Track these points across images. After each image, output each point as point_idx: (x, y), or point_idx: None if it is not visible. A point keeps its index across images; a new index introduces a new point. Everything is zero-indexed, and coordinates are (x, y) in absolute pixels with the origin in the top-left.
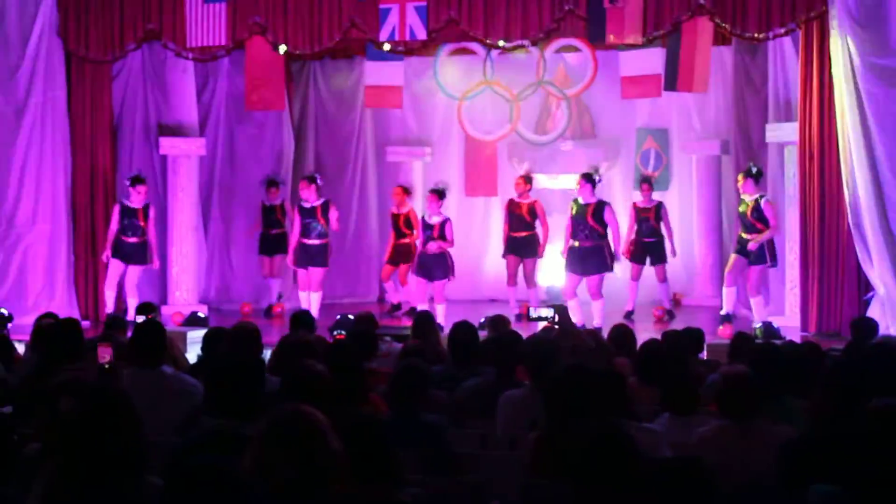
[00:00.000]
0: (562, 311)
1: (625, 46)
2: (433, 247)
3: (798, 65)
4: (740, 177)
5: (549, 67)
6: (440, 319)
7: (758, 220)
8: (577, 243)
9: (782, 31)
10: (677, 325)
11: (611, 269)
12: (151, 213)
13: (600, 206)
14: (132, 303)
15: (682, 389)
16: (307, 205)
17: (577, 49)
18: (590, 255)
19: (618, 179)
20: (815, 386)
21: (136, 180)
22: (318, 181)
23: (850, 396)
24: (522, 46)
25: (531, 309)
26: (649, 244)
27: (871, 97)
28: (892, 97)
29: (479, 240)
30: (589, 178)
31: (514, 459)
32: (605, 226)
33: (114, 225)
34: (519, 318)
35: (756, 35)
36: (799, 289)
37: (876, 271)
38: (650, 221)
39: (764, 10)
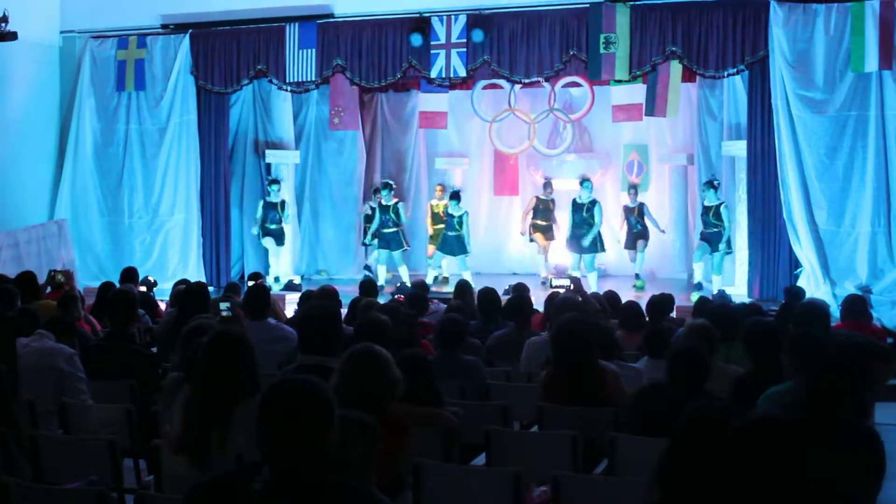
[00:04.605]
0: (577, 281)
1: (615, 82)
2: None
3: (746, 97)
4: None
5: (557, 98)
6: None
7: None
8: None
9: (734, 71)
10: (654, 292)
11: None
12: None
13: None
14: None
15: (658, 338)
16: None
17: (579, 84)
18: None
19: (610, 183)
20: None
21: (273, 181)
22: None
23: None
24: (538, 82)
25: (552, 278)
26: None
27: (800, 121)
28: (816, 121)
29: (504, 227)
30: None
31: (530, 389)
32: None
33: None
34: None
35: (714, 74)
36: (746, 265)
37: (803, 252)
38: (635, 216)
39: (721, 55)
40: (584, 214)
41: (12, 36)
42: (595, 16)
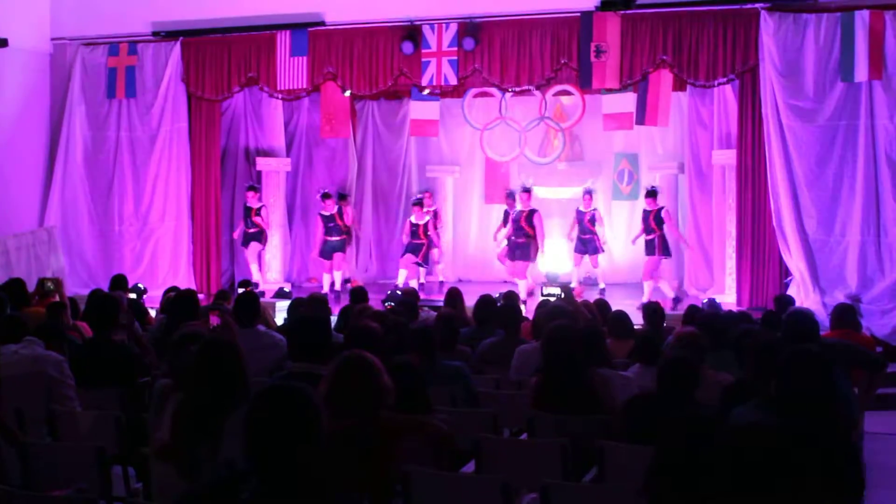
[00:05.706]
0: (567, 289)
1: (606, 91)
2: None
3: (736, 106)
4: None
5: (548, 106)
6: None
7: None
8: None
9: (725, 80)
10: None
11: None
12: (263, 211)
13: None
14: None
15: (649, 345)
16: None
17: (570, 93)
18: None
19: (600, 191)
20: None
21: (250, 187)
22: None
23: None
24: (529, 90)
25: (543, 287)
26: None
27: (790, 130)
28: (806, 130)
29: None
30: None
31: (520, 397)
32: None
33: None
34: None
35: (705, 83)
36: (735, 274)
37: (793, 261)
38: (584, 223)
39: (711, 64)
40: (520, 224)
41: (2, 43)
42: (586, 24)
